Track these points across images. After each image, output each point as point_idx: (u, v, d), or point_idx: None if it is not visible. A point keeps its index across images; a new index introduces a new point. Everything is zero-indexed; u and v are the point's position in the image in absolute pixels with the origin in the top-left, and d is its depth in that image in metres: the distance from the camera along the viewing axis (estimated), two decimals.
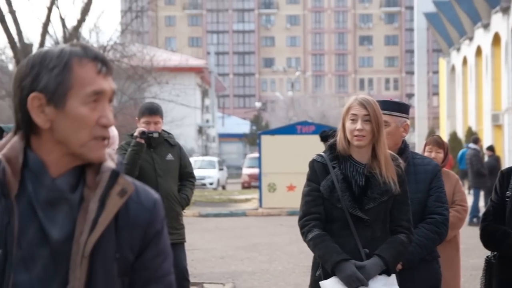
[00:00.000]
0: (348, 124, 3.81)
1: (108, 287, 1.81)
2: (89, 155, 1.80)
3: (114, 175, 1.83)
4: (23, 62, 1.85)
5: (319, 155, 3.95)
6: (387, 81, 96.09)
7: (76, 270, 1.76)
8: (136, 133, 6.10)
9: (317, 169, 3.86)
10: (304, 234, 3.85)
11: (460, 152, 23.59)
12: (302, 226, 3.86)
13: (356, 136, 3.78)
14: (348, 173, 3.82)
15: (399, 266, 4.03)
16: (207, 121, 57.58)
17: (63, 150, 1.81)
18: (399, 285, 3.87)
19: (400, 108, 4.32)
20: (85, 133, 1.79)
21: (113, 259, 1.81)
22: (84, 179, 1.84)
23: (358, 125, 3.76)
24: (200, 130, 54.65)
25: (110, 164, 1.85)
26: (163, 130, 6.35)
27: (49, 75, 1.78)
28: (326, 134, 6.95)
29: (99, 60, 1.82)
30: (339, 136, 3.87)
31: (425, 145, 5.84)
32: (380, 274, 3.75)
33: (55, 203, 1.79)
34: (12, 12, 20.42)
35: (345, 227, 3.78)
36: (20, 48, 20.43)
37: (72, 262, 1.76)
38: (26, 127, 1.81)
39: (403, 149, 4.28)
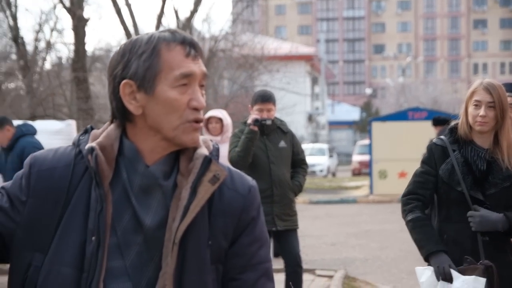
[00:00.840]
0: (471, 110, 3.73)
1: (200, 273, 1.79)
2: (182, 139, 1.79)
3: (206, 161, 1.81)
4: (116, 51, 1.86)
5: (439, 138, 3.88)
6: (503, 65, 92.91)
7: (168, 256, 1.75)
8: (249, 121, 6.16)
9: (435, 153, 3.80)
10: (404, 212, 3.81)
11: None
12: (404, 203, 3.83)
13: (478, 122, 3.70)
14: (468, 157, 3.74)
15: None
16: (317, 108, 57.52)
17: (157, 136, 1.80)
18: None
19: None
20: (176, 116, 1.78)
21: (206, 246, 1.79)
22: (178, 166, 1.83)
23: (481, 111, 3.68)
24: (310, 118, 54.66)
25: (204, 151, 1.84)
26: (276, 118, 6.39)
27: (138, 61, 1.78)
28: (440, 119, 6.81)
29: (187, 43, 1.81)
30: (461, 120, 3.80)
31: None
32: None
33: (149, 190, 1.79)
34: (128, 5, 21.09)
35: (464, 212, 3.71)
36: None
37: (165, 248, 1.75)
38: (121, 115, 1.82)
39: None
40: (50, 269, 1.75)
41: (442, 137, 3.88)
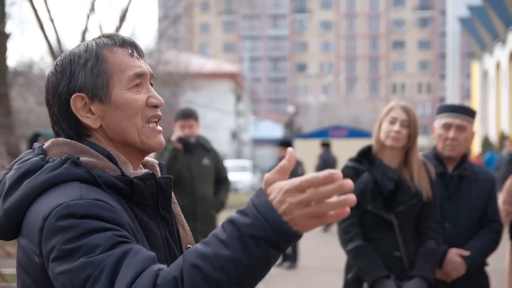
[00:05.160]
0: (385, 125, 3.87)
1: None
2: (149, 143, 1.74)
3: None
4: (50, 71, 1.75)
5: (350, 160, 4.00)
6: (420, 85, 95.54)
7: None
8: (173, 138, 6.25)
9: (348, 174, 3.89)
10: (344, 242, 3.88)
11: (487, 156, 23.72)
12: (343, 232, 3.88)
13: (391, 136, 3.83)
14: (378, 177, 3.87)
15: (462, 271, 4.00)
16: (241, 125, 57.85)
17: (126, 148, 1.74)
18: None
19: (474, 115, 4.16)
20: (138, 118, 1.71)
21: None
22: None
23: (396, 127, 3.82)
24: (234, 134, 54.94)
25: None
26: (199, 136, 6.48)
27: (84, 71, 1.69)
28: (285, 141, 7.08)
29: (127, 44, 1.76)
30: (374, 137, 3.93)
31: None
32: None
33: None
34: (51, 20, 20.90)
35: (375, 230, 3.85)
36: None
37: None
38: (76, 134, 1.72)
39: (466, 156, 4.20)
40: None
41: (353, 158, 3.99)
